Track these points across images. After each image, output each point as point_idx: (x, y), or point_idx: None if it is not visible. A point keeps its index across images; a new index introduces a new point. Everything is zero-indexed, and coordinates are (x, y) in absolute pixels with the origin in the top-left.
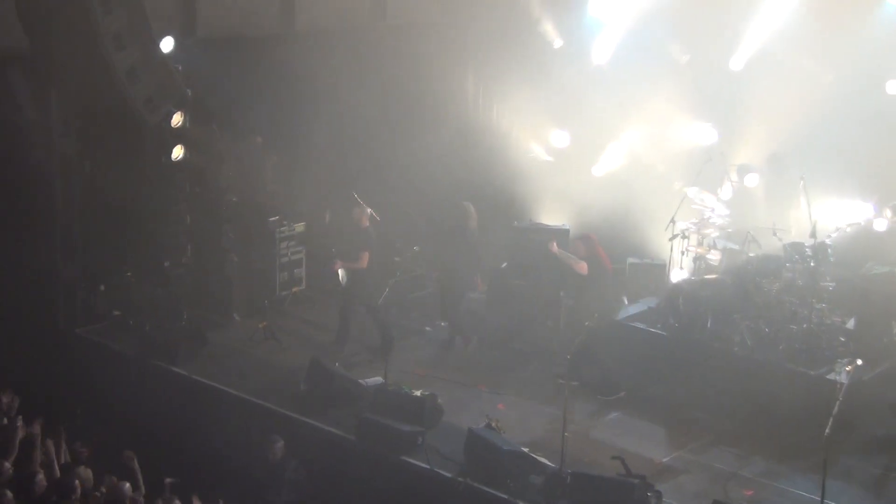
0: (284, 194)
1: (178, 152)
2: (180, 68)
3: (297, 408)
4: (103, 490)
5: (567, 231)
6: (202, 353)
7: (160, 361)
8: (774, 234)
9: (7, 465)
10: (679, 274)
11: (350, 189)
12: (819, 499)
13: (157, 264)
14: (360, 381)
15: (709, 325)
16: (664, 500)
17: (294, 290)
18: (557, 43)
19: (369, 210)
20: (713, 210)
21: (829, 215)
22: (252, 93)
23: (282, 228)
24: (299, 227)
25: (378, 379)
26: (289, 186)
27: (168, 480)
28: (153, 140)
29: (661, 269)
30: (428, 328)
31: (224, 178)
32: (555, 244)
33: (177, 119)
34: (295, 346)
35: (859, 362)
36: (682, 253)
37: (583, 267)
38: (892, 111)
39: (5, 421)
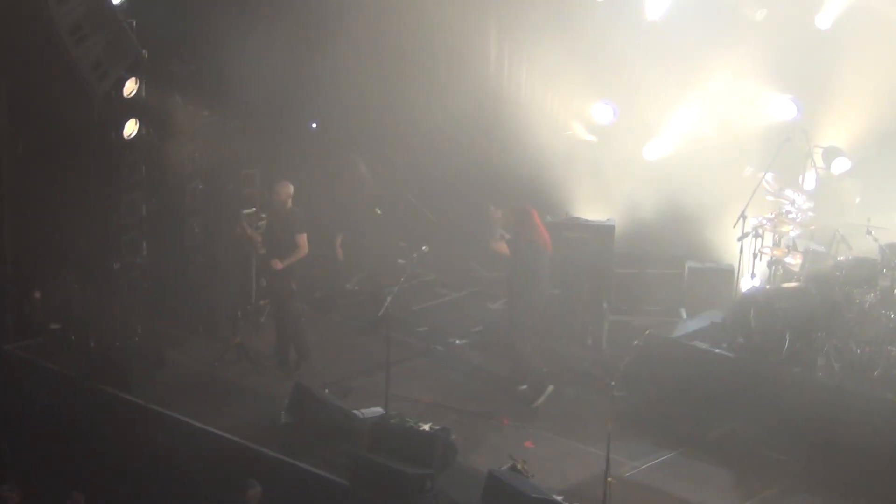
0: (263, 181)
1: (131, 128)
2: (135, 24)
3: (277, 445)
4: None
5: (612, 227)
6: (160, 376)
7: (108, 386)
8: (869, 232)
9: None
10: (750, 282)
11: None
12: None
13: (104, 266)
14: (356, 411)
15: (787, 345)
16: None
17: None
18: None
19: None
20: (793, 203)
21: None
22: (226, 55)
23: (260, 223)
24: None
25: (377, 409)
26: (269, 171)
27: None
28: (101, 113)
29: (729, 275)
30: (439, 347)
31: (188, 160)
32: (498, 210)
33: (130, 87)
34: (275, 368)
35: None
36: (755, 256)
37: (501, 247)
38: None
39: None
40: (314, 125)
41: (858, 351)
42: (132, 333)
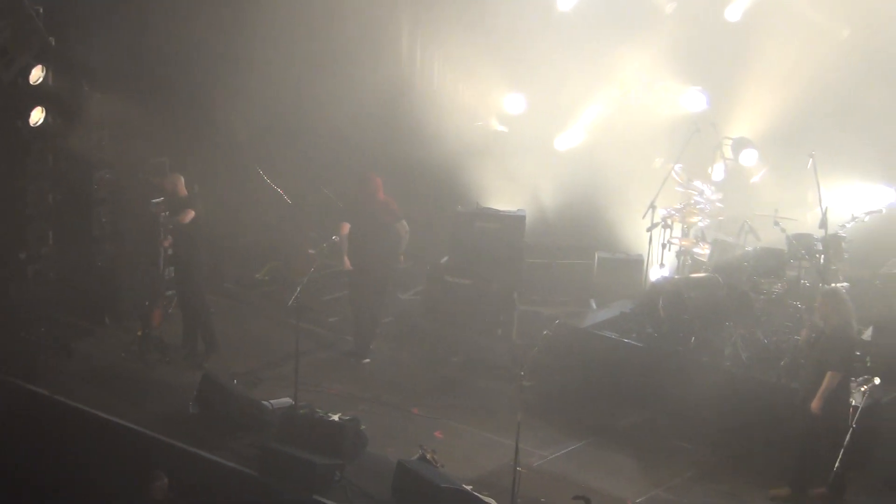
0: (174, 170)
1: (37, 116)
2: (41, 11)
3: (184, 436)
4: None
5: (523, 218)
6: (66, 367)
7: (13, 378)
8: (776, 223)
9: None
10: (659, 272)
11: (254, 164)
12: None
13: (9, 256)
14: (265, 402)
15: (695, 334)
16: None
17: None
18: None
19: (279, 191)
20: (702, 194)
21: (844, 201)
22: (136, 43)
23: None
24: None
25: (287, 400)
26: (179, 160)
27: None
28: (7, 101)
29: (638, 265)
30: (349, 337)
31: (96, 148)
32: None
33: (36, 74)
34: (183, 359)
35: (877, 381)
36: (664, 246)
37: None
38: None
39: None
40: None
41: (765, 340)
42: (38, 324)
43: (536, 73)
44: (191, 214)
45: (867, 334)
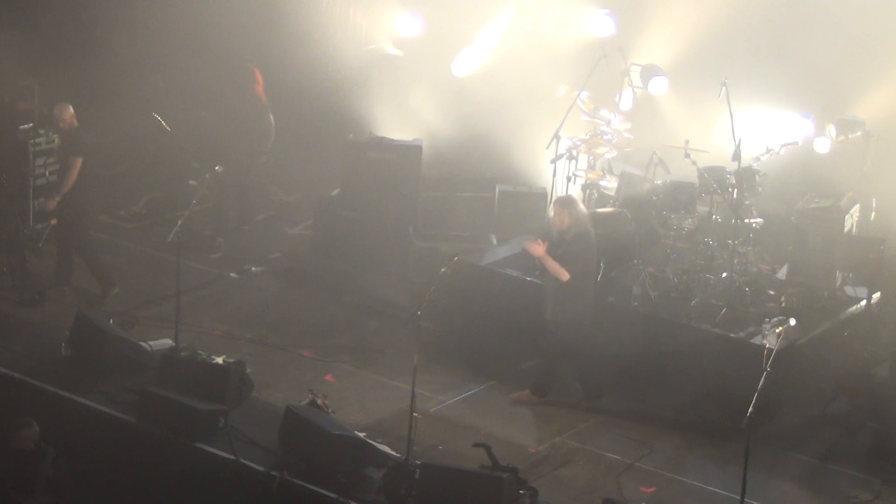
0: (42, 94)
1: None
2: None
3: (55, 380)
4: None
5: (419, 148)
6: None
7: None
8: (687, 155)
9: None
10: None
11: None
12: (738, 497)
13: None
14: (143, 343)
15: (601, 272)
16: (540, 498)
17: (53, 221)
18: None
19: (158, 118)
20: (609, 124)
21: (758, 132)
22: None
23: (37, 140)
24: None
25: (166, 341)
26: (49, 82)
27: None
28: None
29: (541, 199)
30: (233, 274)
31: None
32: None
33: None
34: (54, 296)
35: (792, 322)
36: (569, 179)
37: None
38: None
39: None
40: None
41: (675, 279)
42: None
43: None
44: (78, 164)
45: (782, 273)
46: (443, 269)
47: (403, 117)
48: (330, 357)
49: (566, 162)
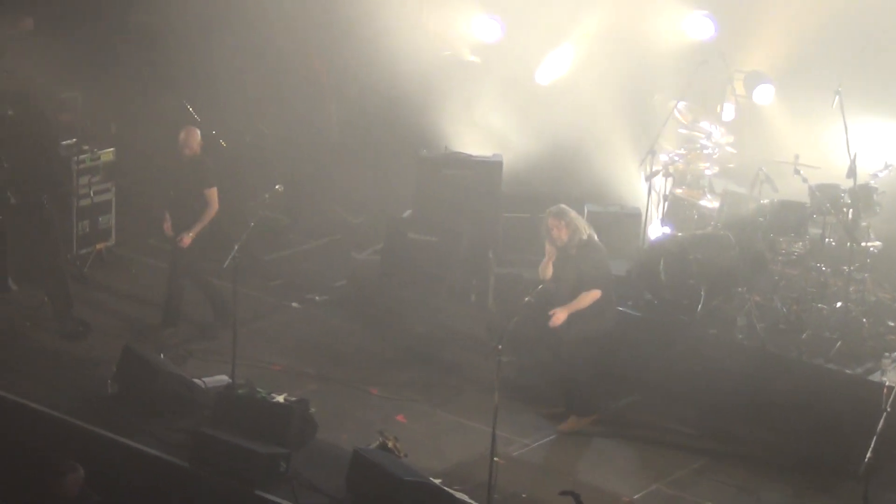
0: (86, 105)
1: None
2: None
3: (101, 420)
4: None
5: (500, 164)
6: None
7: None
8: (797, 172)
9: None
10: (660, 228)
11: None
12: None
13: None
14: (197, 380)
15: (702, 302)
16: None
17: (99, 246)
18: None
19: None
20: (709, 136)
21: (876, 146)
22: None
23: (81, 156)
24: (107, 154)
25: (222, 377)
26: (93, 95)
27: None
28: None
29: (635, 220)
30: (295, 303)
31: None
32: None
33: None
34: (100, 328)
35: None
36: (665, 198)
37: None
38: None
39: None
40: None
41: (784, 309)
42: None
43: None
44: (215, 195)
45: None
46: (526, 298)
47: (482, 130)
48: (401, 395)
49: (662, 179)
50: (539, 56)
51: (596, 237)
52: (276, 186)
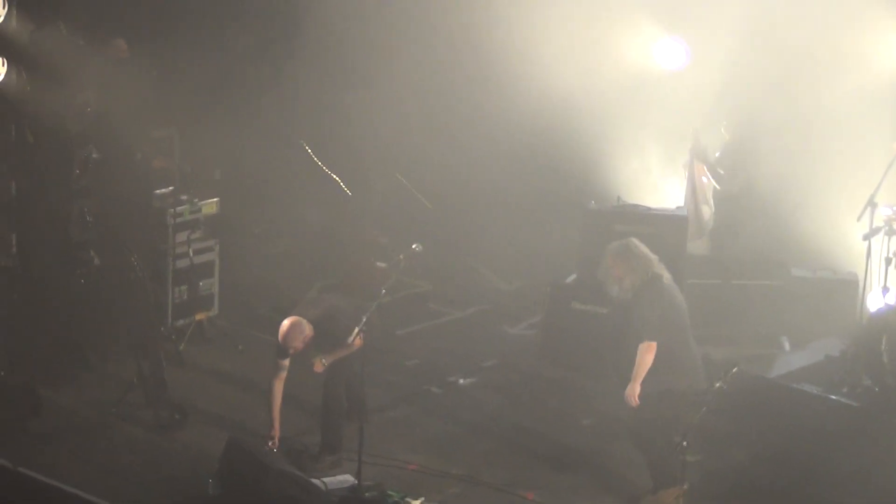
0: (183, 147)
1: None
2: None
3: None
4: None
5: (685, 218)
6: (34, 427)
7: None
8: None
9: None
10: (882, 298)
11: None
12: None
13: None
14: (316, 480)
15: None
16: None
17: (199, 316)
18: None
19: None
20: None
21: None
22: None
23: (179, 208)
24: (209, 206)
25: (346, 477)
26: (193, 134)
27: None
28: None
29: (852, 288)
30: (434, 388)
31: (78, 117)
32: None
33: None
34: (200, 416)
35: None
36: (888, 261)
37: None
38: None
39: None
40: None
41: None
42: None
43: (705, 10)
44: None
45: None
46: (717, 384)
47: (661, 177)
48: (562, 501)
49: (885, 238)
50: (730, 87)
51: (667, 277)
52: (413, 246)
